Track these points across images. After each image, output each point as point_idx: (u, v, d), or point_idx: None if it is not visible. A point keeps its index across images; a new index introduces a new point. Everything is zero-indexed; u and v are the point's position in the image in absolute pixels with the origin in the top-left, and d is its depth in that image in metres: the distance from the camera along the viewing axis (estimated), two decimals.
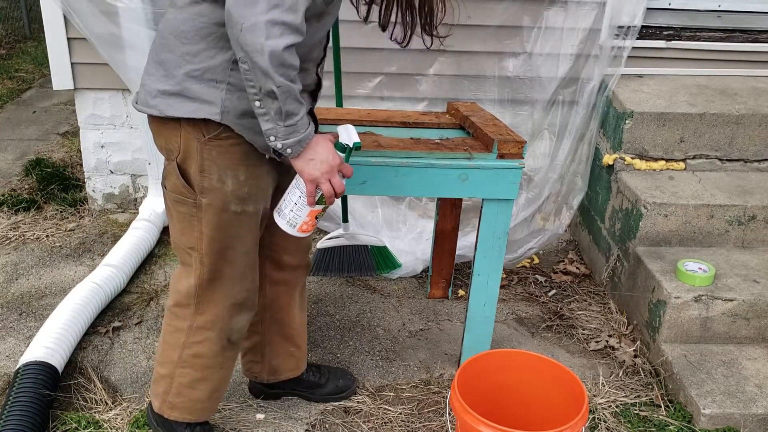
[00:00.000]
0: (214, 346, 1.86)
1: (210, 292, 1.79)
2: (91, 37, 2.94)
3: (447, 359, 2.53)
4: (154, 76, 1.61)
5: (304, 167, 1.58)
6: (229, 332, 1.86)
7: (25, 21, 7.06)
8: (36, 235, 3.22)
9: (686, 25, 3.18)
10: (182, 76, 1.56)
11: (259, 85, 1.44)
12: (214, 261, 1.74)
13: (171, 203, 1.74)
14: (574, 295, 2.94)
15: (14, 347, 2.49)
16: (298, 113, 1.50)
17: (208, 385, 1.92)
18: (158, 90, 1.59)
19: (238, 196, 1.67)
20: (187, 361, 1.88)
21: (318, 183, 1.60)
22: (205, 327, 1.83)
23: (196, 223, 1.70)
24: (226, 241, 1.72)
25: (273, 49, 1.39)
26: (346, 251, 2.89)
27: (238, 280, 1.80)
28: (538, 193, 3.21)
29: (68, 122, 4.59)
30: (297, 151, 1.55)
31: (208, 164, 1.63)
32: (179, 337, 1.86)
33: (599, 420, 2.24)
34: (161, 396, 1.95)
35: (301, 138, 1.53)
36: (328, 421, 2.21)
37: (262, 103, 1.47)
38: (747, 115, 2.86)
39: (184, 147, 1.63)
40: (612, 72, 3.06)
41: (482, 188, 2.13)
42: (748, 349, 2.46)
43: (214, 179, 1.64)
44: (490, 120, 2.32)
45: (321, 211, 1.67)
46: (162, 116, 1.61)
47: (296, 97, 1.48)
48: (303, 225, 1.68)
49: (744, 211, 2.67)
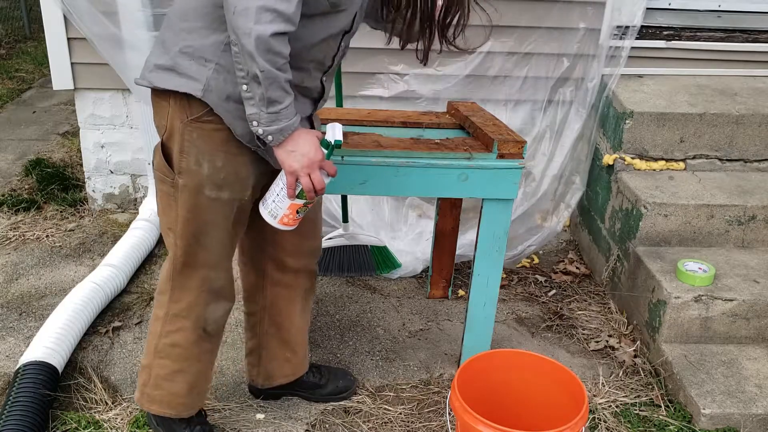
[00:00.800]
0: (189, 335, 1.86)
1: (184, 277, 1.80)
2: (91, 37, 2.94)
3: (447, 359, 2.53)
4: (155, 53, 1.66)
5: (285, 158, 1.59)
6: (204, 322, 1.86)
7: (25, 21, 7.07)
8: (36, 235, 3.22)
9: (686, 25, 3.18)
10: (176, 52, 1.60)
11: (246, 69, 1.47)
12: (189, 244, 1.76)
13: (156, 181, 1.77)
14: (574, 295, 2.94)
15: (14, 347, 2.49)
16: (282, 102, 1.51)
17: (186, 377, 1.92)
18: (155, 64, 1.64)
19: (213, 181, 1.68)
20: (163, 351, 1.89)
21: (297, 176, 1.60)
22: (179, 315, 1.84)
23: (173, 203, 1.73)
24: (200, 225, 1.74)
25: (260, 33, 1.41)
26: (346, 251, 2.89)
27: (212, 267, 1.81)
28: (535, 188, 3.21)
29: (68, 122, 4.59)
30: (278, 139, 1.55)
31: (187, 145, 1.65)
32: (157, 326, 1.88)
33: (599, 420, 2.24)
34: (141, 387, 1.97)
35: (282, 127, 1.54)
36: (328, 421, 2.21)
37: (249, 87, 1.49)
38: (747, 115, 2.86)
39: (169, 125, 1.66)
40: (612, 72, 3.06)
41: (482, 188, 2.13)
42: (748, 349, 2.46)
43: (192, 161, 1.66)
44: (490, 120, 2.32)
45: (302, 205, 1.68)
46: (151, 87, 1.65)
47: (281, 86, 1.49)
48: (284, 218, 1.69)
49: (744, 211, 2.67)
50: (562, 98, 3.17)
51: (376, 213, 3.14)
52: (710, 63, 3.21)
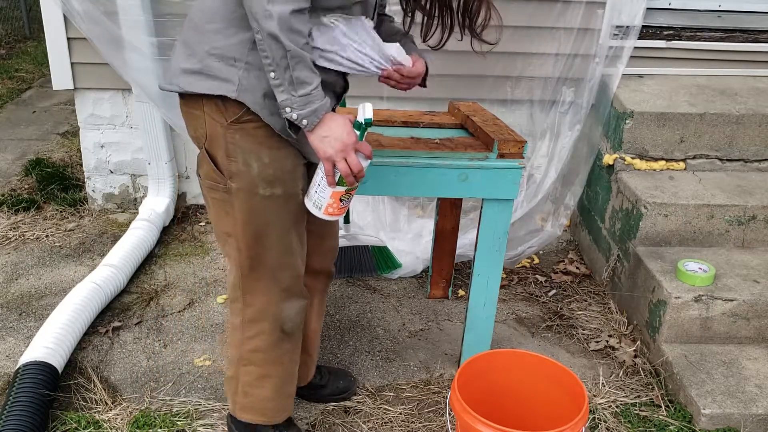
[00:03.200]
0: (269, 338, 1.85)
1: (253, 281, 1.79)
2: (91, 37, 2.94)
3: (447, 359, 2.53)
4: (180, 55, 1.63)
5: (319, 145, 1.57)
6: (282, 321, 1.84)
7: (25, 21, 7.07)
8: (36, 235, 3.22)
9: (686, 25, 3.18)
10: (204, 54, 1.58)
11: (272, 54, 1.46)
12: (251, 247, 1.74)
13: (206, 190, 1.75)
14: (574, 295, 2.94)
15: (14, 347, 2.49)
16: (311, 83, 1.50)
17: (272, 381, 1.91)
18: (181, 69, 1.61)
19: (264, 178, 1.67)
20: (247, 358, 1.88)
21: (334, 162, 1.57)
22: (255, 319, 1.83)
23: (229, 209, 1.71)
24: (260, 226, 1.72)
25: (280, 13, 1.41)
26: (347, 252, 2.89)
27: (278, 267, 1.78)
28: (536, 190, 3.21)
29: (68, 122, 4.60)
30: (312, 122, 1.53)
31: (232, 148, 1.63)
32: (237, 335, 1.87)
33: (599, 420, 2.24)
34: (231, 398, 1.96)
35: (316, 108, 1.52)
36: (328, 421, 2.20)
37: (276, 73, 1.48)
38: (747, 115, 2.86)
39: (210, 132, 1.64)
40: (612, 72, 3.06)
41: (482, 188, 2.12)
42: (749, 349, 2.46)
43: (240, 163, 1.65)
44: (491, 120, 2.32)
45: (344, 192, 1.65)
46: (183, 94, 1.63)
47: (308, 65, 1.49)
48: (328, 207, 1.66)
49: (744, 211, 2.66)
50: (562, 98, 3.17)
51: (376, 213, 3.14)
52: (710, 63, 3.21)
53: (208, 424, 2.17)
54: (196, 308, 2.75)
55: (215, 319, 2.69)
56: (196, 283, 2.92)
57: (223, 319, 2.69)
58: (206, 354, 2.50)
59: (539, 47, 3.09)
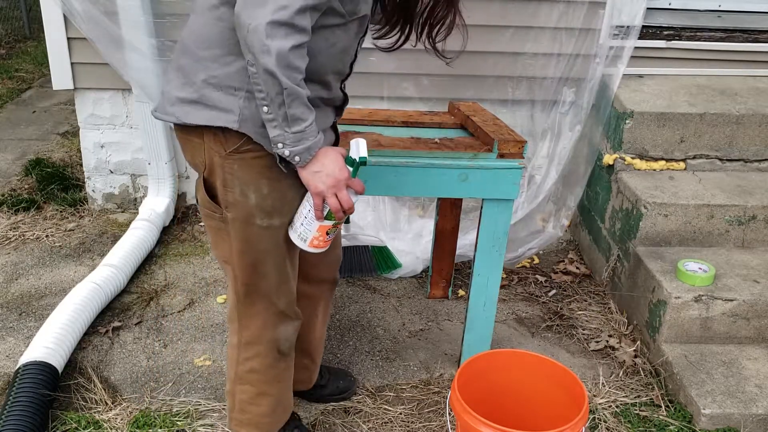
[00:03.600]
0: (265, 360, 1.84)
1: (248, 306, 1.77)
2: (91, 37, 2.94)
3: (447, 359, 2.53)
4: (174, 83, 1.58)
5: (310, 179, 1.53)
6: (277, 343, 1.84)
7: (25, 21, 7.07)
8: (36, 235, 3.22)
9: (686, 25, 3.18)
10: (201, 83, 1.52)
11: (267, 89, 1.41)
12: (248, 275, 1.72)
13: (203, 217, 1.73)
14: (574, 295, 2.94)
15: (14, 347, 2.49)
16: (306, 119, 1.46)
17: (269, 399, 1.91)
18: (177, 97, 1.56)
19: (262, 209, 1.63)
20: (243, 378, 1.87)
21: (324, 197, 1.55)
22: (252, 342, 1.82)
23: (225, 237, 1.68)
24: (256, 254, 1.69)
25: (279, 49, 1.36)
26: (347, 252, 2.89)
27: (274, 293, 1.77)
28: (537, 191, 3.21)
29: (68, 122, 4.60)
30: (306, 159, 1.49)
31: (230, 178, 1.59)
32: (233, 354, 1.86)
33: (599, 420, 2.24)
34: (228, 413, 1.96)
35: (309, 145, 1.48)
36: (328, 421, 2.20)
37: (270, 108, 1.43)
38: (747, 115, 2.86)
39: (208, 162, 1.59)
40: (612, 72, 3.06)
41: (482, 188, 2.12)
42: (749, 349, 2.45)
43: (237, 193, 1.61)
44: (491, 120, 2.32)
45: (331, 226, 1.62)
46: (180, 124, 1.58)
47: (303, 102, 1.44)
48: (314, 240, 1.63)
49: (744, 211, 2.66)
50: (562, 99, 3.17)
51: (376, 213, 3.14)
52: (710, 63, 3.21)
53: (208, 424, 2.17)
54: (196, 308, 2.75)
55: (215, 319, 2.69)
56: (196, 283, 2.92)
57: (223, 319, 2.69)
58: (206, 354, 2.50)
59: (540, 47, 3.09)
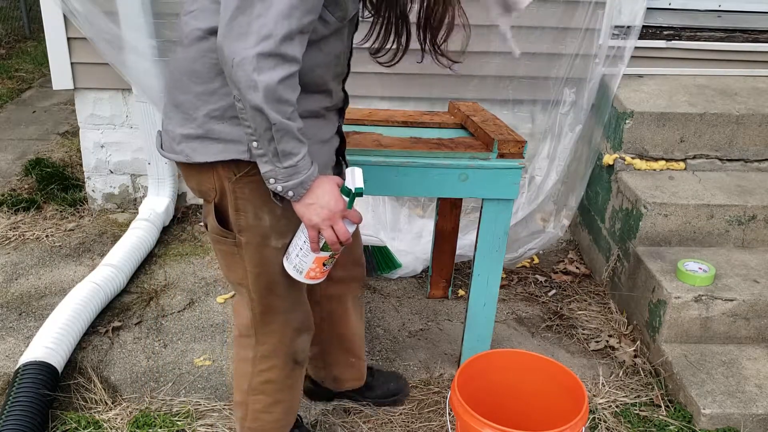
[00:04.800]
0: (281, 371, 1.84)
1: (266, 324, 1.76)
2: (91, 37, 2.94)
3: (447, 359, 2.53)
4: (174, 119, 1.54)
5: (304, 212, 1.48)
6: (294, 354, 1.83)
7: (25, 21, 7.07)
8: (36, 235, 3.22)
9: (686, 25, 3.18)
10: (203, 118, 1.48)
11: (254, 125, 1.35)
12: (264, 296, 1.70)
13: (213, 243, 1.70)
14: (574, 295, 2.94)
15: (14, 347, 2.49)
16: (297, 153, 1.40)
17: (283, 406, 1.90)
18: (181, 135, 1.52)
19: (277, 231, 1.60)
20: (257, 389, 1.85)
21: (319, 229, 1.50)
22: (268, 355, 1.81)
23: (239, 260, 1.65)
24: (272, 276, 1.67)
25: (267, 83, 1.30)
26: None
27: (290, 310, 1.76)
28: (537, 191, 3.21)
29: (68, 122, 4.60)
30: (300, 193, 1.45)
31: (242, 203, 1.56)
32: (246, 367, 1.84)
33: (599, 420, 2.24)
34: (240, 422, 1.94)
35: (302, 180, 1.43)
36: (328, 421, 2.20)
37: (259, 143, 1.38)
38: (747, 115, 2.86)
39: (219, 188, 1.57)
40: (612, 72, 3.06)
41: (482, 188, 2.12)
42: (748, 349, 2.46)
43: (250, 217, 1.57)
44: (491, 120, 2.32)
45: (328, 258, 1.58)
46: (189, 163, 1.55)
47: (294, 136, 1.38)
48: (310, 272, 1.59)
49: (744, 211, 2.66)
50: (562, 99, 3.17)
51: (376, 213, 3.14)
52: (710, 63, 3.21)
53: (208, 424, 2.17)
54: (196, 308, 2.75)
55: (215, 319, 2.69)
56: (196, 283, 2.92)
57: (223, 319, 2.69)
58: (206, 354, 2.50)
59: (540, 47, 3.09)
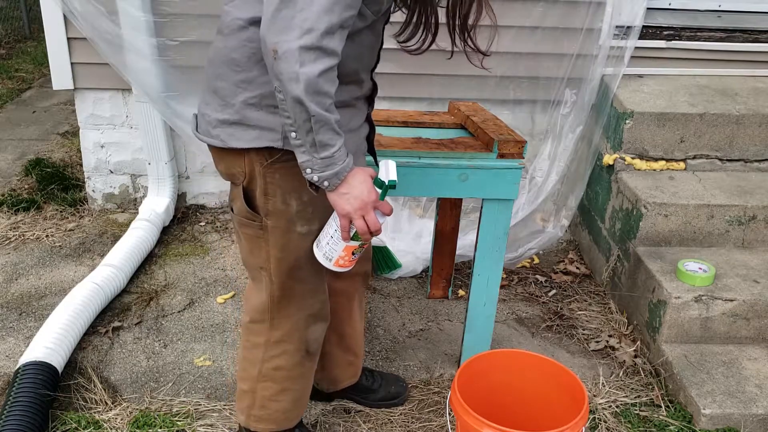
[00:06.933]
0: (292, 358, 1.85)
1: (283, 307, 1.78)
2: (91, 37, 2.94)
3: (447, 359, 2.53)
4: (212, 105, 1.59)
5: (337, 201, 1.52)
6: (307, 343, 1.85)
7: (25, 21, 7.07)
8: (36, 235, 3.22)
9: (686, 25, 3.18)
10: (240, 104, 1.54)
11: (294, 116, 1.39)
12: (284, 280, 1.73)
13: (238, 225, 1.73)
14: (575, 295, 2.94)
15: (14, 347, 2.49)
16: (334, 144, 1.44)
17: (291, 395, 1.91)
18: (218, 120, 1.57)
19: (303, 216, 1.65)
20: (267, 375, 1.87)
21: (351, 218, 1.53)
22: (282, 340, 1.82)
23: (263, 244, 1.69)
24: (294, 261, 1.70)
25: (308, 76, 1.34)
26: None
27: (309, 295, 1.79)
28: (538, 191, 3.21)
29: (68, 122, 4.60)
30: (334, 183, 1.48)
31: (272, 188, 1.61)
32: (257, 353, 1.85)
33: (599, 420, 2.24)
34: (246, 411, 1.95)
35: (338, 170, 1.47)
36: (328, 421, 2.20)
37: (298, 134, 1.42)
38: (747, 115, 2.86)
39: (248, 172, 1.60)
40: (612, 72, 3.06)
41: (482, 188, 2.12)
42: (749, 349, 2.45)
43: (278, 201, 1.62)
44: (491, 120, 2.32)
45: (357, 247, 1.60)
46: (225, 147, 1.59)
47: (332, 128, 1.42)
48: (339, 260, 1.62)
49: (744, 211, 2.66)
50: (563, 99, 3.17)
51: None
52: (710, 63, 3.21)
53: (208, 424, 2.17)
54: (196, 308, 2.75)
55: (215, 319, 2.69)
56: (196, 283, 2.92)
57: (223, 319, 2.69)
58: (206, 354, 2.50)
59: (540, 47, 3.09)
